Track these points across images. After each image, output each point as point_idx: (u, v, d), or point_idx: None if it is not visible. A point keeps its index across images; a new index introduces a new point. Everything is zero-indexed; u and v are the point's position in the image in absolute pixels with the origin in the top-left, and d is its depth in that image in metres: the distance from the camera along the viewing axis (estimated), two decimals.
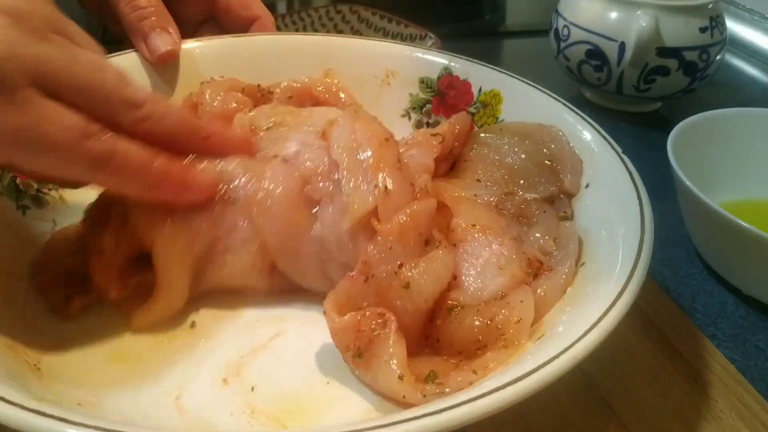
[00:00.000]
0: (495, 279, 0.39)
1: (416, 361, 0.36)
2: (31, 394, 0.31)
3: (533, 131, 0.50)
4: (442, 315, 0.38)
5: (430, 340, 0.38)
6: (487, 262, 0.40)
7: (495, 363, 0.34)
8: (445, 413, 0.28)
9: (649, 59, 0.71)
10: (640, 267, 0.36)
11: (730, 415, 0.41)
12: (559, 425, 0.39)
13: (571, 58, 0.76)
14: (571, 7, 0.76)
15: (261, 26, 0.64)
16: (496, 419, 0.29)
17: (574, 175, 0.47)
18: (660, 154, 0.54)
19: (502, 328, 0.36)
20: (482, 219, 0.43)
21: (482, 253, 0.40)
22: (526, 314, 0.37)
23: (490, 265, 0.40)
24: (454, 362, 0.36)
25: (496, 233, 0.42)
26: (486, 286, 0.39)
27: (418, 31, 0.78)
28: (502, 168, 0.48)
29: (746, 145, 0.60)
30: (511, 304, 0.37)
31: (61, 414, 0.28)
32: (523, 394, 0.29)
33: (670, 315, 0.48)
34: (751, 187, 0.59)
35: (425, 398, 0.33)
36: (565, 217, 0.46)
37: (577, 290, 0.39)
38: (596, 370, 0.42)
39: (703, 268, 0.55)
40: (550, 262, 0.42)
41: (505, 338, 0.36)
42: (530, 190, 0.47)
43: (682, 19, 0.70)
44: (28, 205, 0.47)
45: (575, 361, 0.31)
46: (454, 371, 0.35)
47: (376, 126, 0.42)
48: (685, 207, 0.54)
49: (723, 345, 0.47)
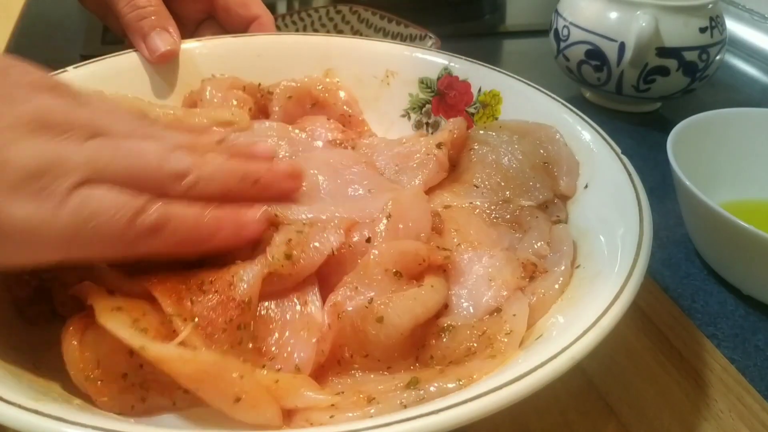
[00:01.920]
0: (487, 293, 0.39)
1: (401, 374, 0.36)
2: (30, 394, 0.31)
3: (531, 130, 0.51)
4: (435, 336, 0.38)
5: (422, 358, 0.37)
6: (478, 279, 0.40)
7: (480, 373, 0.33)
8: (442, 413, 0.28)
9: (648, 59, 0.71)
10: (638, 267, 0.36)
11: (729, 414, 0.41)
12: (559, 425, 0.39)
13: (571, 58, 0.76)
14: (571, 7, 0.76)
15: (260, 26, 0.64)
16: (495, 419, 0.29)
17: (570, 177, 0.47)
18: (659, 154, 0.54)
19: (492, 338, 0.36)
20: (473, 234, 0.43)
21: (472, 271, 0.41)
22: (517, 327, 0.36)
23: (481, 281, 0.40)
24: (439, 368, 0.36)
25: (487, 247, 0.42)
26: (478, 304, 0.39)
27: (418, 32, 0.78)
28: (499, 172, 0.48)
29: (746, 145, 0.60)
30: (503, 318, 0.37)
31: (60, 414, 0.28)
32: (521, 394, 0.29)
33: (669, 315, 0.48)
34: (750, 187, 0.59)
35: (402, 405, 0.33)
36: (558, 220, 0.46)
37: (575, 290, 0.39)
38: (596, 370, 0.42)
39: (702, 268, 0.55)
40: (545, 265, 0.42)
41: (494, 348, 0.35)
42: (525, 197, 0.47)
43: (682, 19, 0.70)
44: None
45: (574, 361, 0.30)
46: (437, 378, 0.34)
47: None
48: (684, 207, 0.54)
49: (723, 345, 0.47)
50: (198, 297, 0.36)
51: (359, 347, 0.37)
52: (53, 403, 0.30)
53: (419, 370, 0.36)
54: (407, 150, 0.49)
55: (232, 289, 0.37)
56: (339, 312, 0.36)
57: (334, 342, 0.36)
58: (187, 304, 0.36)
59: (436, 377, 0.34)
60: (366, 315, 0.36)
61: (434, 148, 0.48)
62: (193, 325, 0.35)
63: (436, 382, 0.33)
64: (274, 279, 0.37)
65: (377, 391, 0.34)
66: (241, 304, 0.36)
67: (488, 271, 0.40)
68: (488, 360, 0.35)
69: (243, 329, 0.36)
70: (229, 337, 0.35)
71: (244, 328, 0.36)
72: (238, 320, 0.36)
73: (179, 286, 0.37)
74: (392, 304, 0.36)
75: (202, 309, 0.36)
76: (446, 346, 0.37)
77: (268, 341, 0.37)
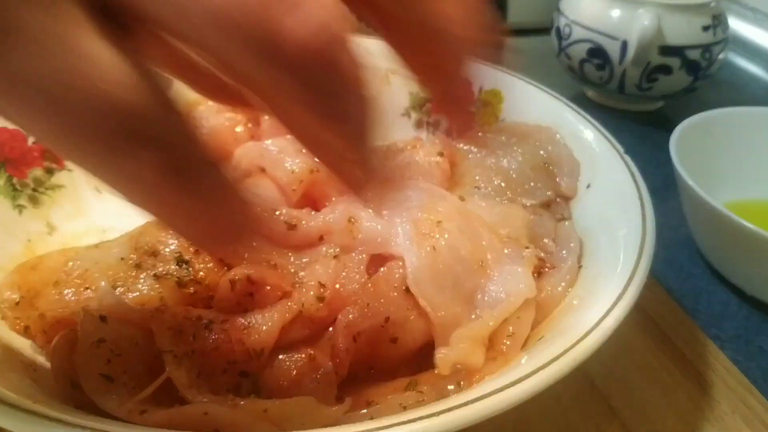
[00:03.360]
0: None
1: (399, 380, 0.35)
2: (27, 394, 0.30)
3: (531, 132, 0.50)
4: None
5: (424, 365, 0.36)
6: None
7: (480, 375, 0.33)
8: (443, 415, 0.27)
9: (651, 58, 0.70)
10: (641, 267, 0.35)
11: (733, 416, 0.40)
12: (561, 427, 0.39)
13: (573, 56, 0.75)
14: (573, 5, 0.75)
15: None
16: (496, 421, 0.29)
17: (571, 178, 0.47)
18: (662, 154, 0.53)
19: (494, 341, 0.36)
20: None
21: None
22: (520, 329, 0.36)
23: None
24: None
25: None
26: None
27: None
28: (499, 174, 0.48)
29: (749, 145, 0.60)
30: (507, 320, 0.37)
31: (57, 415, 0.27)
32: (523, 396, 0.29)
33: (672, 316, 0.48)
34: (754, 187, 0.59)
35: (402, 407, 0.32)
36: (561, 219, 0.45)
37: (578, 291, 0.39)
38: (598, 372, 0.42)
39: (705, 268, 0.54)
40: (553, 260, 0.41)
41: (495, 350, 0.35)
42: (527, 197, 0.46)
43: (685, 17, 0.70)
44: (24, 204, 0.47)
45: (576, 363, 0.30)
46: (436, 381, 0.34)
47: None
48: (687, 207, 0.54)
49: (726, 346, 0.47)
50: (201, 333, 0.33)
51: (366, 364, 0.36)
52: (53, 403, 0.30)
53: (419, 373, 0.36)
54: (408, 160, 0.48)
55: (242, 335, 0.33)
56: (353, 334, 0.34)
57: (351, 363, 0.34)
58: (188, 338, 0.33)
59: (435, 379, 0.34)
60: (380, 335, 0.35)
61: (435, 156, 0.48)
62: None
63: (435, 385, 0.33)
64: (297, 326, 0.34)
65: (376, 394, 0.34)
66: (249, 353, 0.33)
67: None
68: (489, 362, 0.34)
69: (245, 377, 0.33)
70: (227, 380, 0.33)
71: (246, 375, 0.33)
72: (242, 366, 0.33)
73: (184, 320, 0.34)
74: (408, 326, 0.35)
75: (205, 345, 0.33)
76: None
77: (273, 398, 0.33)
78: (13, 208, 0.46)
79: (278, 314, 0.34)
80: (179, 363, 0.32)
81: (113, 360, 0.33)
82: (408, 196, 0.41)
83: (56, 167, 0.49)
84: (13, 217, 0.46)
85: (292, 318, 0.34)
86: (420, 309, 0.35)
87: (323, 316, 0.35)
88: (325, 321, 0.35)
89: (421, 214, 0.39)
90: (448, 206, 0.40)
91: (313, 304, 0.34)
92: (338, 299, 0.35)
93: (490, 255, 0.39)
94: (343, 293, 0.35)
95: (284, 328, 0.34)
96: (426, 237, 0.37)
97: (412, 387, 0.33)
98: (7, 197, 0.46)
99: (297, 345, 0.35)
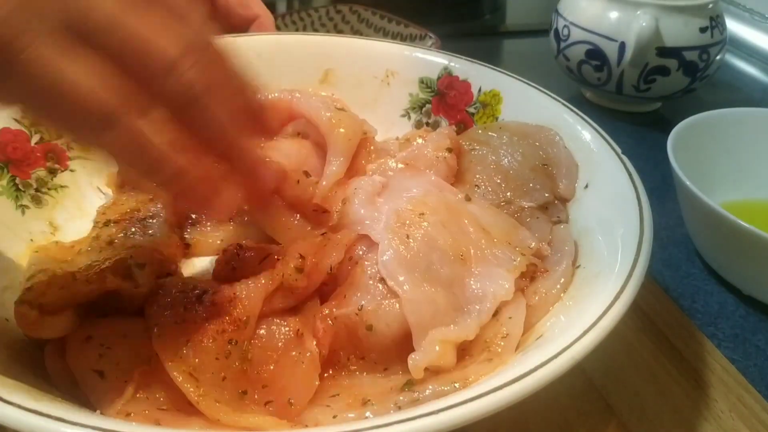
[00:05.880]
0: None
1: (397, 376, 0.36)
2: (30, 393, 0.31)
3: (531, 132, 0.51)
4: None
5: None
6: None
7: (476, 376, 0.33)
8: (442, 413, 0.28)
9: (649, 59, 0.70)
10: (639, 267, 0.36)
11: (730, 415, 0.41)
12: (559, 425, 0.39)
13: (571, 58, 0.76)
14: (571, 7, 0.76)
15: (260, 25, 0.64)
16: (495, 419, 0.29)
17: (569, 179, 0.47)
18: (660, 154, 0.54)
19: (489, 342, 0.36)
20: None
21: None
22: (514, 330, 0.36)
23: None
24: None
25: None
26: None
27: (418, 31, 0.78)
28: (499, 173, 0.48)
29: (746, 145, 0.60)
30: (500, 321, 0.37)
31: (59, 414, 0.28)
32: (521, 394, 0.29)
33: (670, 315, 0.48)
34: (751, 187, 0.59)
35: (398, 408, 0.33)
36: (558, 221, 0.46)
37: (576, 290, 0.39)
38: (596, 370, 0.42)
39: (703, 268, 0.55)
40: (546, 265, 0.42)
41: (490, 351, 0.35)
42: (526, 198, 0.47)
43: (682, 19, 0.70)
44: (27, 204, 0.47)
45: (574, 361, 0.30)
46: (432, 381, 0.34)
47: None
48: (685, 207, 0.54)
49: (723, 345, 0.47)
50: (192, 304, 0.36)
51: (354, 350, 0.37)
52: (53, 403, 0.30)
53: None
54: (415, 154, 0.48)
55: (230, 305, 0.36)
56: (330, 318, 0.37)
57: (330, 346, 0.36)
58: (179, 309, 0.36)
59: (431, 380, 0.34)
60: (357, 323, 0.36)
61: (443, 151, 0.48)
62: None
63: (431, 385, 0.33)
64: (279, 295, 0.37)
65: (372, 393, 0.34)
66: (237, 321, 0.36)
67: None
68: (484, 363, 0.34)
69: (234, 345, 0.35)
70: (217, 348, 0.35)
71: (235, 343, 0.35)
72: (231, 335, 0.35)
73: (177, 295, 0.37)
74: (381, 313, 0.36)
75: (195, 316, 0.35)
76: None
77: (261, 369, 0.36)
78: (16, 208, 0.46)
79: (262, 284, 0.37)
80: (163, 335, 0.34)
81: (105, 354, 0.34)
82: (408, 186, 0.43)
83: (59, 168, 0.50)
84: (16, 218, 0.46)
85: (274, 288, 0.37)
86: (394, 297, 0.37)
87: (302, 286, 0.38)
88: (304, 292, 0.39)
89: (406, 206, 0.41)
90: (436, 201, 0.42)
91: (292, 275, 0.38)
92: (316, 272, 0.39)
93: (474, 251, 0.40)
94: (320, 267, 0.39)
95: (267, 297, 0.37)
96: (404, 226, 0.39)
97: (408, 387, 0.34)
98: (10, 198, 0.46)
99: (284, 315, 0.38)
